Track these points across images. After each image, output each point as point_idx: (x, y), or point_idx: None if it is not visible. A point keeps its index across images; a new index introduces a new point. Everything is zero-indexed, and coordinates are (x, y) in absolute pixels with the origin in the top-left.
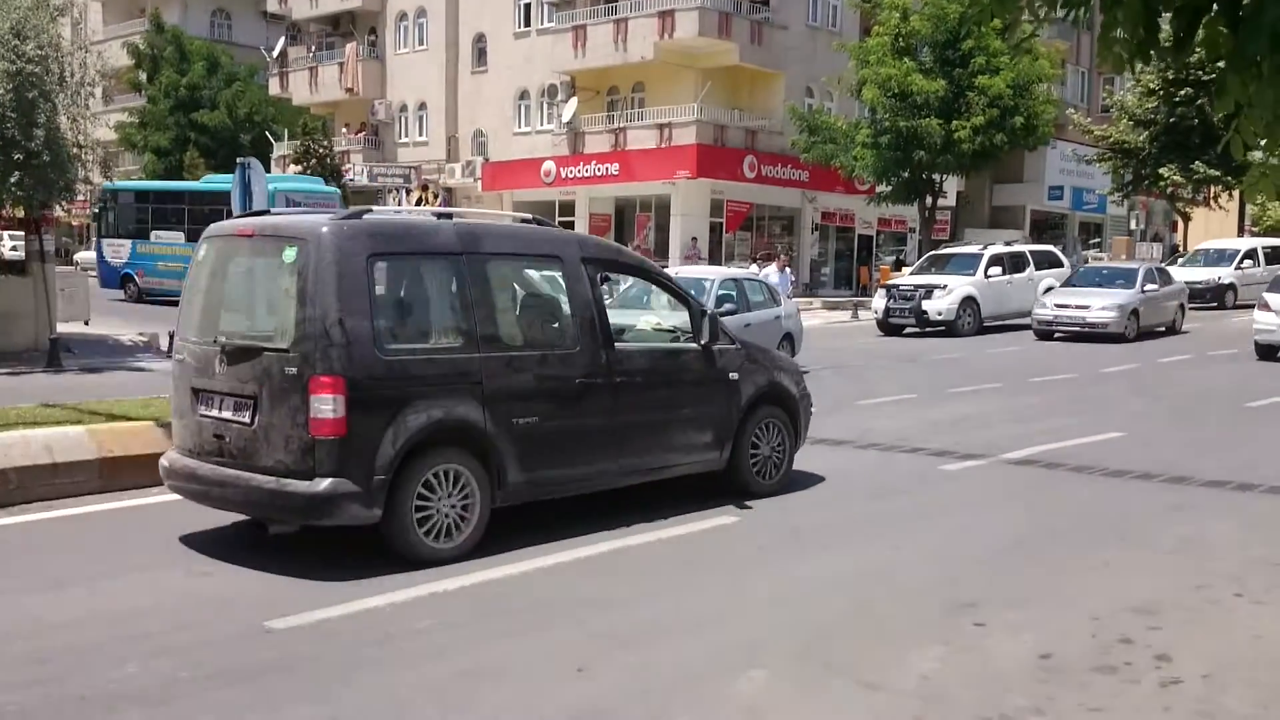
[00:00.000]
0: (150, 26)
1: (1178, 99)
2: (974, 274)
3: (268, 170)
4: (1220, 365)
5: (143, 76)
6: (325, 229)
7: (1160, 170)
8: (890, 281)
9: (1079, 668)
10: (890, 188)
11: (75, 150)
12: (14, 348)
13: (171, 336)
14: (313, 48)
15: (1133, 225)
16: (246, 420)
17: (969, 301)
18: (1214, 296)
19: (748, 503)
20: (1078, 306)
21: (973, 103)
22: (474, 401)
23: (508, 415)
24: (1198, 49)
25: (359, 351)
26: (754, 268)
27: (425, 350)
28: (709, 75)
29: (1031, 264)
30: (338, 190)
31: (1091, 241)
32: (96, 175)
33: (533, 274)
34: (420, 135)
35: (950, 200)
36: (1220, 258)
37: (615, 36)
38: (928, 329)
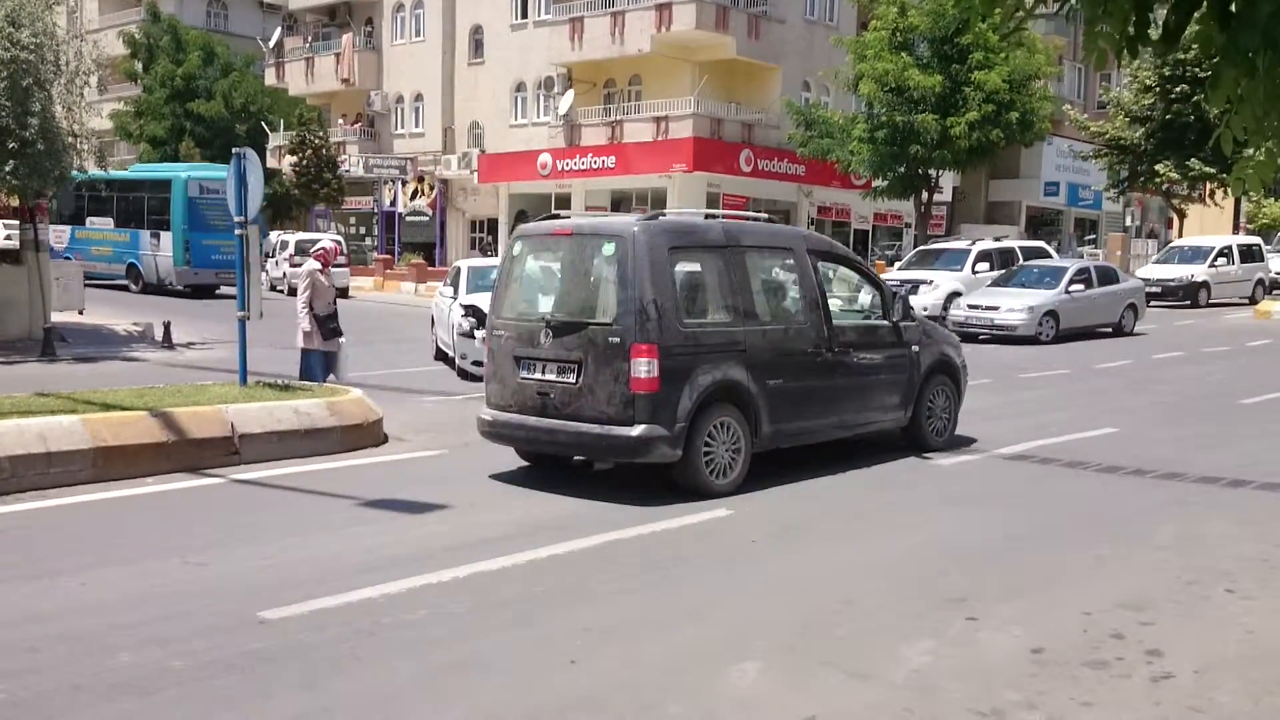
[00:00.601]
0: (146, 16)
1: (1174, 95)
2: (961, 269)
3: (263, 161)
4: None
5: (138, 66)
6: (637, 228)
7: (1156, 167)
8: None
9: (1070, 662)
10: (886, 182)
11: (70, 139)
12: (8, 337)
13: (167, 326)
14: (309, 38)
15: (1128, 222)
16: (571, 380)
17: (955, 297)
18: (1187, 294)
19: (927, 455)
20: (987, 308)
21: (969, 98)
22: (740, 366)
23: (762, 377)
24: (1189, 45)
25: (666, 325)
26: None
27: (708, 324)
28: (706, 68)
29: (1020, 259)
30: None
31: (1087, 238)
32: (91, 165)
33: (774, 263)
34: (416, 126)
35: (946, 195)
36: (1194, 255)
37: (612, 29)
38: None
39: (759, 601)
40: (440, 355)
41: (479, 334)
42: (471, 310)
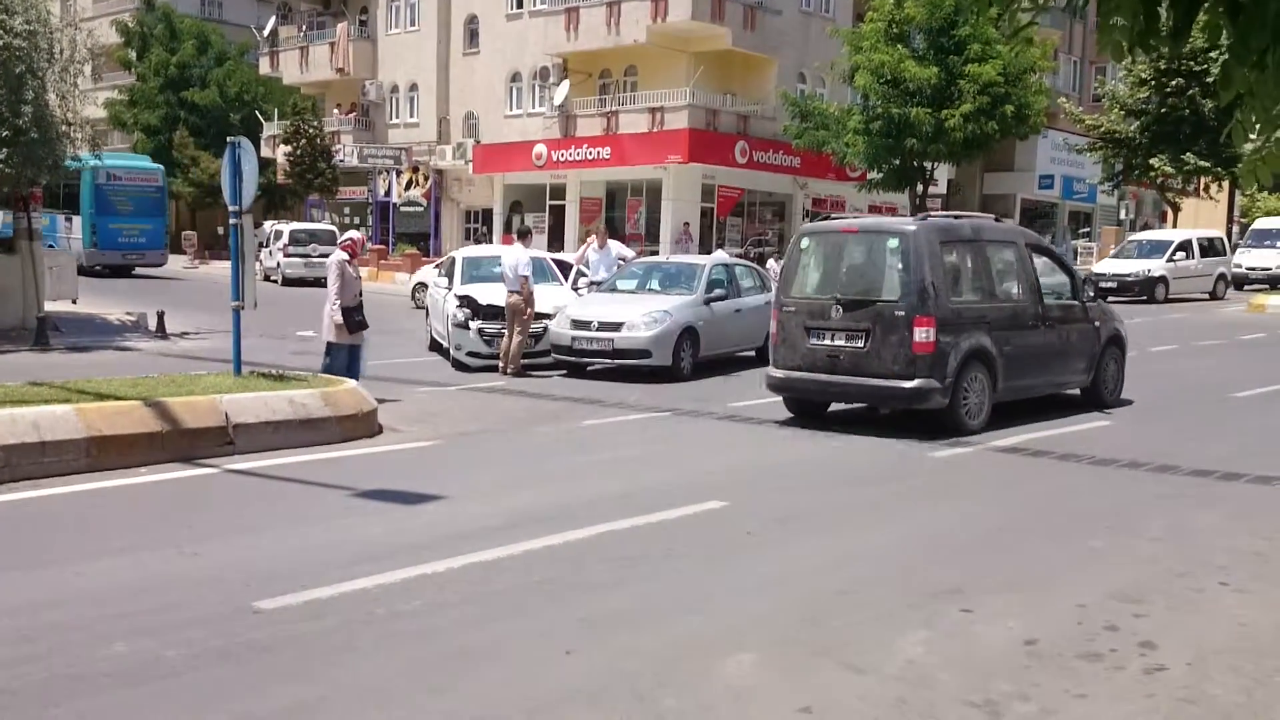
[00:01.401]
0: (140, 4)
1: (1169, 89)
2: None
3: (258, 150)
4: None
5: (132, 54)
6: (915, 227)
7: (1151, 160)
8: None
9: (1064, 654)
10: (881, 175)
11: (64, 128)
12: (1, 326)
13: (161, 316)
14: (303, 27)
15: (1122, 215)
16: (860, 345)
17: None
18: (1143, 290)
19: (1108, 410)
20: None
21: (964, 90)
22: (986, 335)
23: (1000, 344)
24: (1196, 38)
25: (940, 302)
26: (771, 264)
27: (965, 302)
28: (701, 59)
29: None
30: (160, 167)
31: (1081, 231)
32: (85, 153)
33: (1004, 254)
34: (411, 116)
35: (941, 188)
36: (1153, 250)
37: (608, 19)
38: None
39: (753, 593)
40: (435, 346)
41: (473, 324)
42: (466, 301)
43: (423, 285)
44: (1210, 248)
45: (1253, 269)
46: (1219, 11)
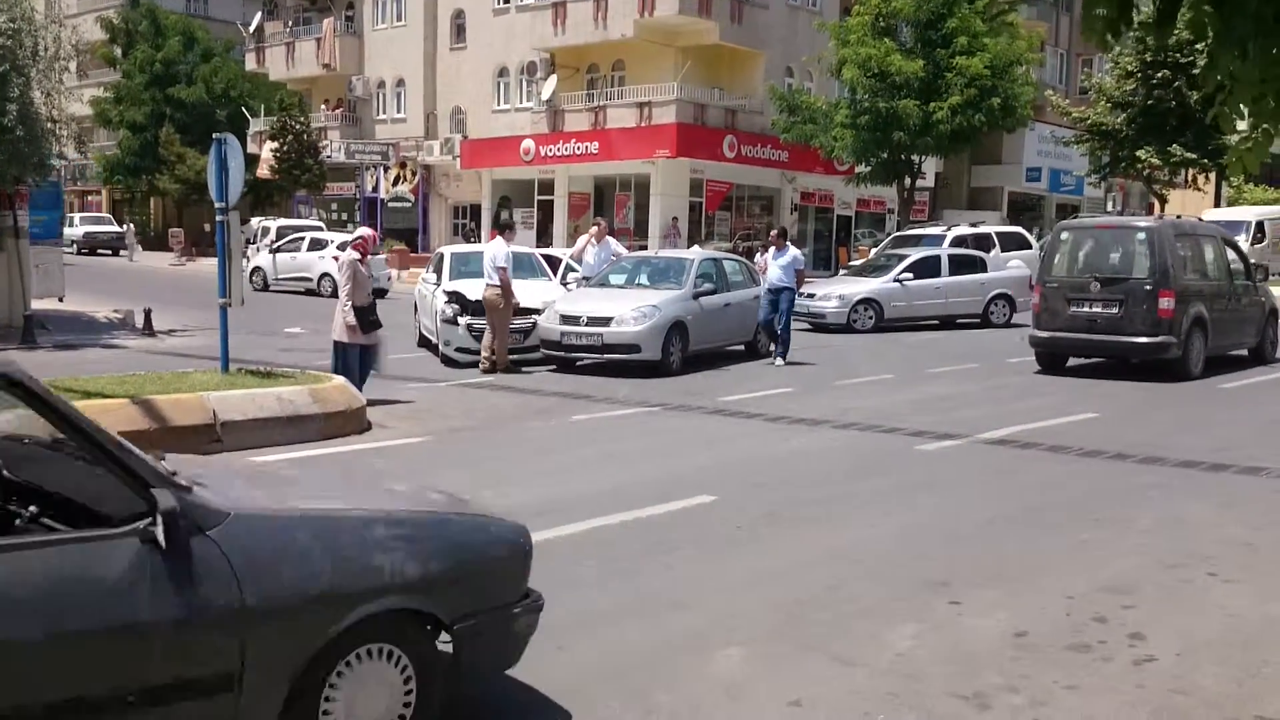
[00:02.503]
0: (125, 1)
1: (1155, 81)
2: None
3: (244, 147)
4: None
5: (117, 51)
6: (1156, 224)
7: (1138, 152)
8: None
9: (1053, 646)
10: (869, 168)
11: (49, 125)
12: None
13: (148, 313)
14: (290, 23)
15: (1110, 207)
16: (1115, 312)
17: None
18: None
19: (1268, 364)
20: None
21: (951, 83)
22: (1201, 305)
23: (1211, 312)
24: (1180, 30)
25: (1175, 279)
26: (759, 258)
27: (1190, 280)
28: (689, 54)
29: (997, 245)
30: None
31: None
32: (71, 151)
33: (1208, 244)
34: (398, 112)
35: (929, 181)
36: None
37: (595, 14)
38: None
39: (744, 587)
40: (423, 342)
41: (462, 320)
42: (454, 296)
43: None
44: None
45: None
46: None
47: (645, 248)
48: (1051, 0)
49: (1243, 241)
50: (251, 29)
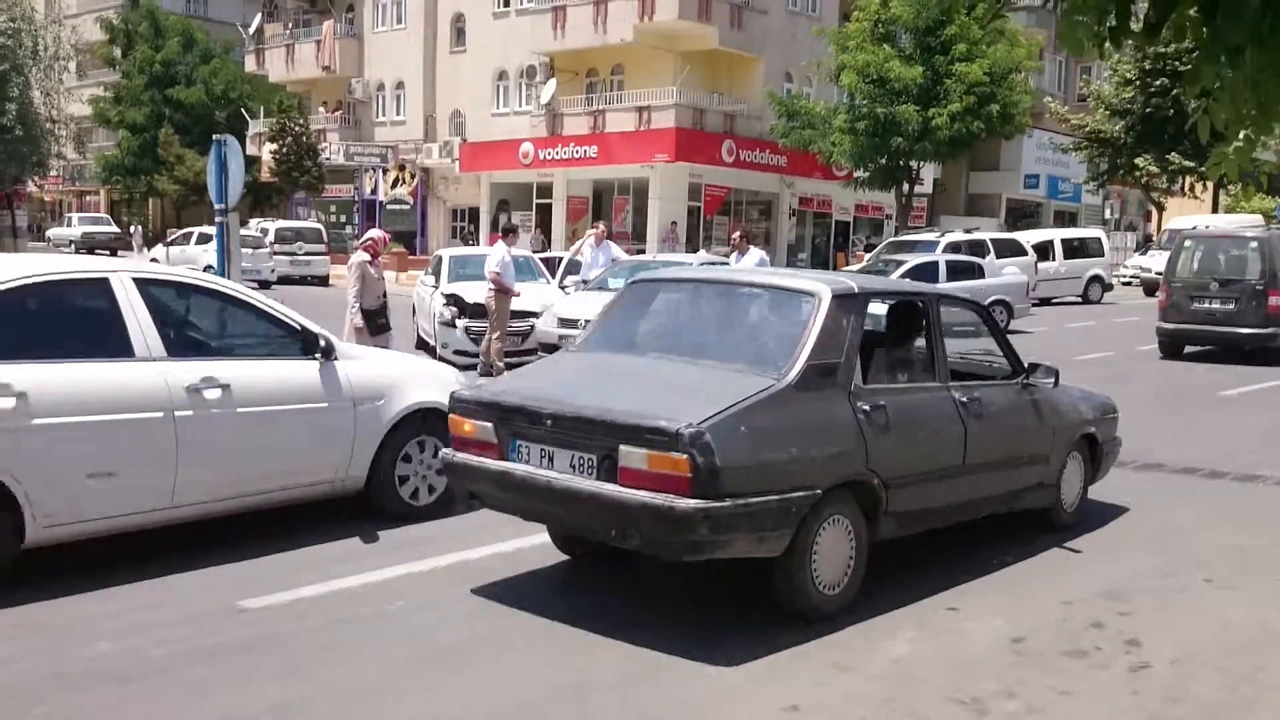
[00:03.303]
0: (125, 1)
1: (1154, 89)
2: None
3: (244, 148)
4: None
5: (117, 52)
6: (1266, 234)
7: (1136, 160)
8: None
9: (1049, 652)
10: (868, 174)
11: (49, 125)
12: None
13: None
14: (289, 25)
15: (1107, 214)
16: (1231, 307)
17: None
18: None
19: None
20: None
21: (950, 90)
22: None
23: None
24: (1169, 39)
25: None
26: (734, 257)
27: None
28: (688, 59)
29: (992, 252)
30: None
31: None
32: (70, 151)
33: None
34: (398, 115)
35: (927, 187)
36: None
37: (595, 18)
38: None
39: (739, 591)
40: (421, 344)
41: (460, 323)
42: (453, 299)
43: None
44: (1079, 248)
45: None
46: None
47: (643, 252)
48: (1049, 7)
49: None
50: (251, 30)
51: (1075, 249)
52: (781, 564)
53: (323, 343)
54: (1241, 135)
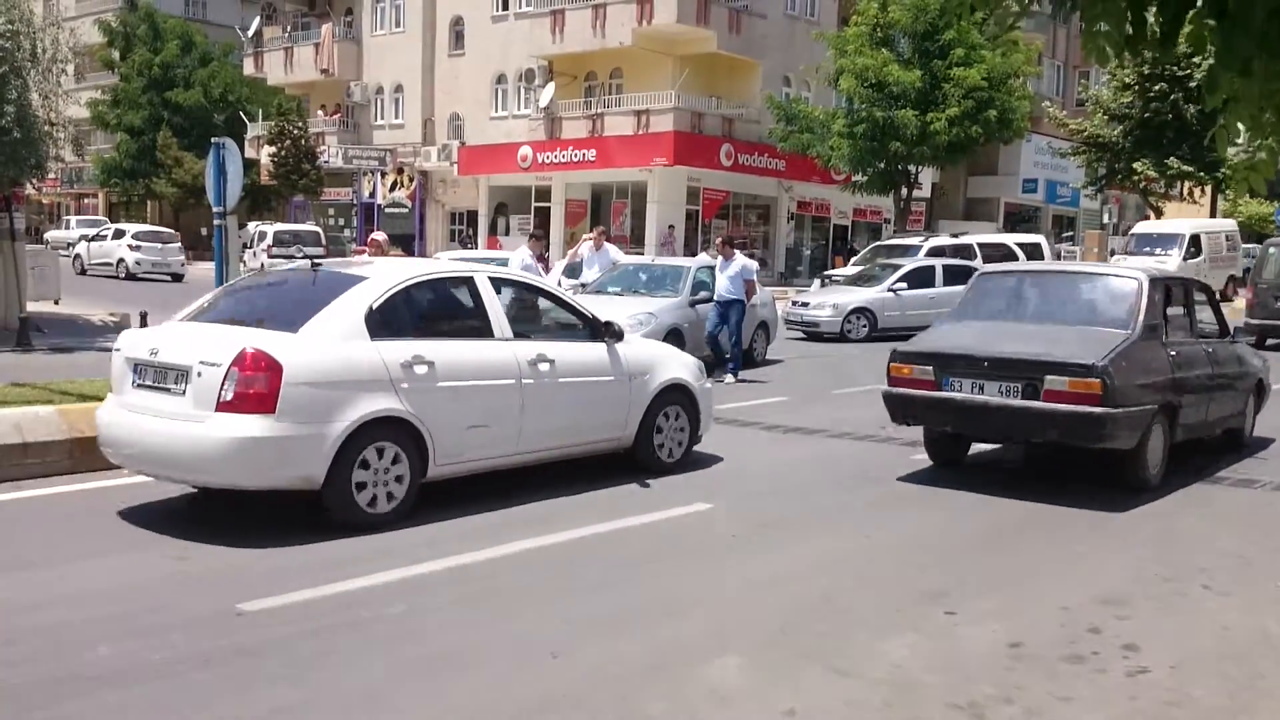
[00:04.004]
0: (123, 3)
1: (1152, 94)
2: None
3: (242, 151)
4: None
5: (115, 54)
6: None
7: (1134, 164)
8: (830, 272)
9: (1048, 657)
10: (866, 178)
11: (47, 127)
12: None
13: (144, 317)
14: (288, 28)
15: (1106, 219)
16: None
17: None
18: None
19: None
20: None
21: (948, 94)
22: None
23: None
24: (1183, 43)
25: None
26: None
27: None
28: (687, 63)
29: (979, 256)
30: None
31: (1064, 235)
32: (69, 153)
33: None
34: (396, 118)
35: (925, 192)
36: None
37: (594, 22)
38: None
39: (738, 596)
40: None
41: None
42: None
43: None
44: (1008, 257)
45: None
46: (1204, 19)
47: (641, 255)
48: (1049, 13)
49: (1175, 256)
50: (250, 33)
51: (995, 259)
52: (1131, 455)
53: (615, 328)
54: (1258, 145)
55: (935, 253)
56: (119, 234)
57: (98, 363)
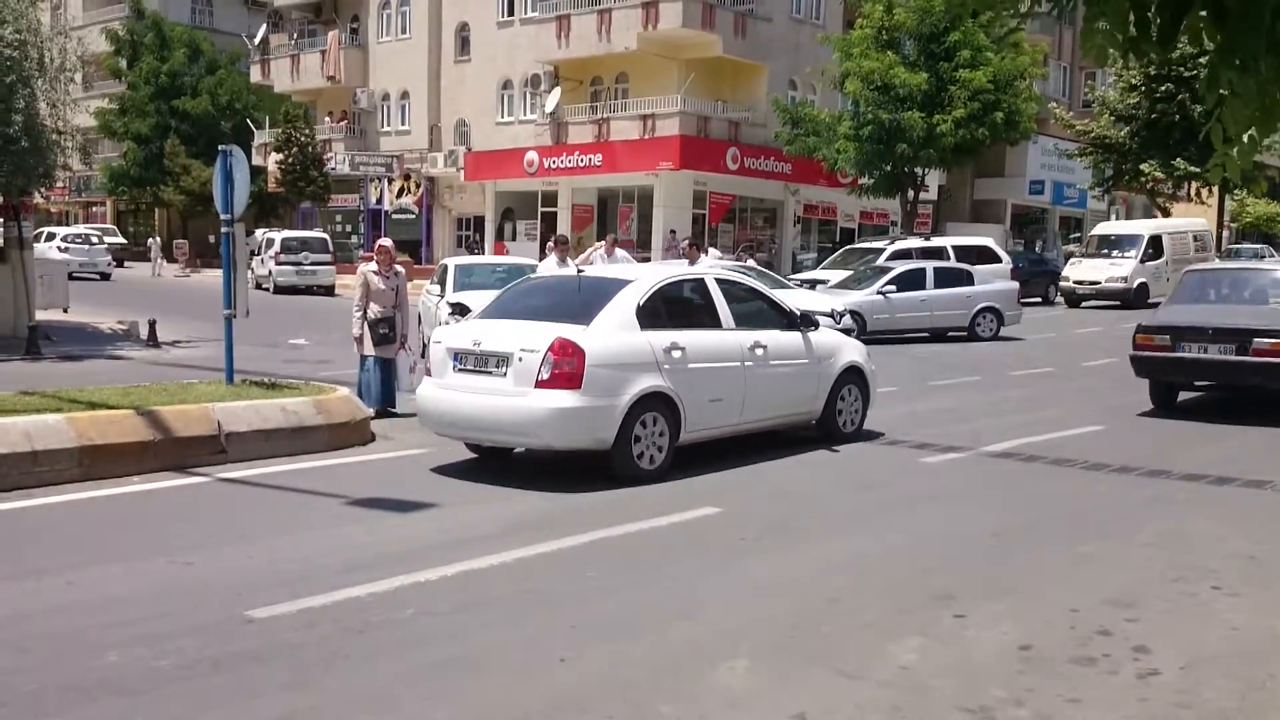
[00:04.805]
0: (130, 12)
1: (1159, 95)
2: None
3: (249, 159)
4: None
5: (122, 63)
6: None
7: (1141, 166)
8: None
9: (1058, 659)
10: (872, 181)
11: (55, 136)
12: None
13: (152, 325)
14: (294, 35)
15: (1113, 220)
16: None
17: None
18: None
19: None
20: None
21: (954, 96)
22: None
23: None
24: (1182, 45)
25: None
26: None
27: None
28: (692, 66)
29: (952, 258)
30: None
31: (1072, 236)
32: (76, 162)
33: None
34: (402, 124)
35: (932, 194)
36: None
37: (599, 27)
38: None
39: (747, 599)
40: (426, 353)
41: None
42: (458, 308)
43: None
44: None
45: (1080, 283)
46: (1203, 17)
47: (648, 260)
48: (1054, 14)
49: (1133, 259)
50: (256, 41)
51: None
52: None
53: (811, 319)
54: (1245, 137)
55: (901, 255)
56: (50, 236)
57: (106, 370)
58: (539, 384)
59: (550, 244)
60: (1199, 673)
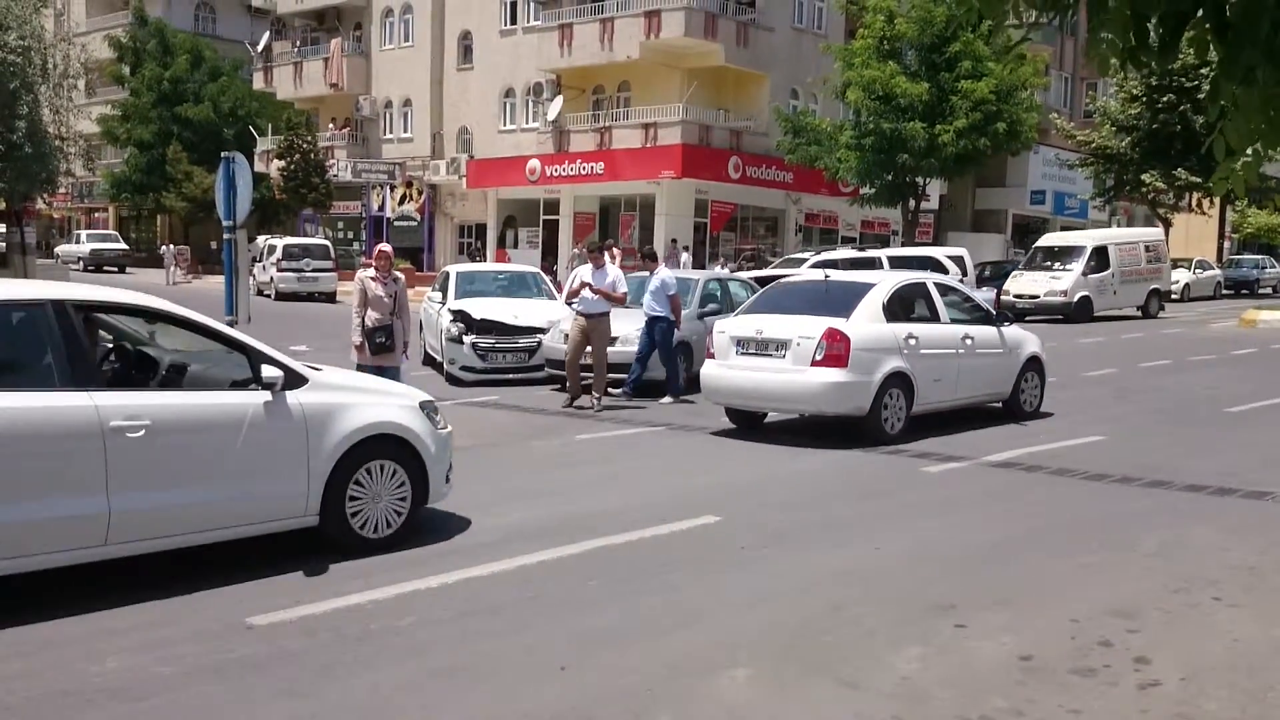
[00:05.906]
0: (133, 19)
1: (1160, 105)
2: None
3: (252, 165)
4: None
5: (125, 69)
6: None
7: (1142, 176)
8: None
9: (1058, 669)
10: (874, 190)
11: (58, 142)
12: None
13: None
14: (297, 42)
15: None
16: None
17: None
18: None
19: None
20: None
21: (956, 106)
22: None
23: None
24: (1184, 54)
25: None
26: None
27: None
28: (694, 75)
29: (886, 266)
30: None
31: None
32: (79, 168)
33: None
34: (405, 132)
35: (933, 203)
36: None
37: (601, 35)
38: None
39: (747, 608)
40: (428, 360)
41: (467, 339)
42: (460, 315)
43: None
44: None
45: (1020, 296)
46: (1205, 29)
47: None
48: (1056, 25)
49: (1075, 271)
50: (259, 48)
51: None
52: None
53: (1006, 316)
54: (1250, 151)
55: (825, 265)
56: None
57: None
58: (814, 363)
59: (582, 249)
60: (1200, 684)
